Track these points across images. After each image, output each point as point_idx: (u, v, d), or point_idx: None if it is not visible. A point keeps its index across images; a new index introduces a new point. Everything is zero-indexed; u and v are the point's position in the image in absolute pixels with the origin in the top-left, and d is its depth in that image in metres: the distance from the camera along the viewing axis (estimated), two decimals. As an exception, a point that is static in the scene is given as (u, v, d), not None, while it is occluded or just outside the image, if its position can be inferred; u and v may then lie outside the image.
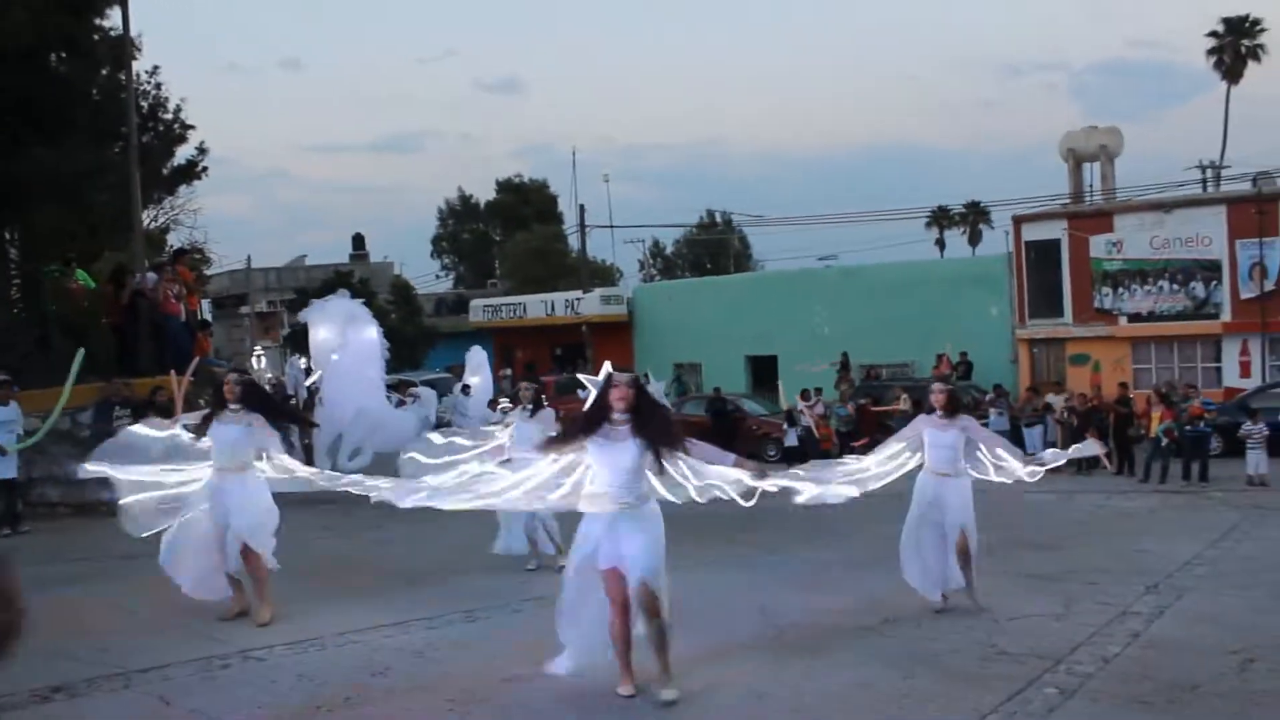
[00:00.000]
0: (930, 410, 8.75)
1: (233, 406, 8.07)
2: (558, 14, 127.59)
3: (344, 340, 15.04)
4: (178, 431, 8.35)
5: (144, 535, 8.15)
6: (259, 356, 25.40)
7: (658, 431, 6.09)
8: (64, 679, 6.59)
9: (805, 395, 22.33)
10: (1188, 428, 18.07)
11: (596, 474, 6.10)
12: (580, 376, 9.36)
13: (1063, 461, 9.22)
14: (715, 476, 6.40)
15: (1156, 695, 6.27)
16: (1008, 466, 8.71)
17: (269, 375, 24.65)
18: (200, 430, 8.20)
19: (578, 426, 6.28)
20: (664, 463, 6.08)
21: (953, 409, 8.59)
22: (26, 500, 13.86)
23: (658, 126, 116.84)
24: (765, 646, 7.43)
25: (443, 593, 9.34)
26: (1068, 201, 31.12)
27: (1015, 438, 17.81)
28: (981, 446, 8.75)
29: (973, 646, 7.35)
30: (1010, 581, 9.42)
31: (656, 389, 20.03)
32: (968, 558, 8.44)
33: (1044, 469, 8.83)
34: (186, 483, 8.21)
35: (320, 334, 15.25)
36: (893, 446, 8.65)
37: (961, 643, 7.46)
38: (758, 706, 6.15)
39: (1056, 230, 29.17)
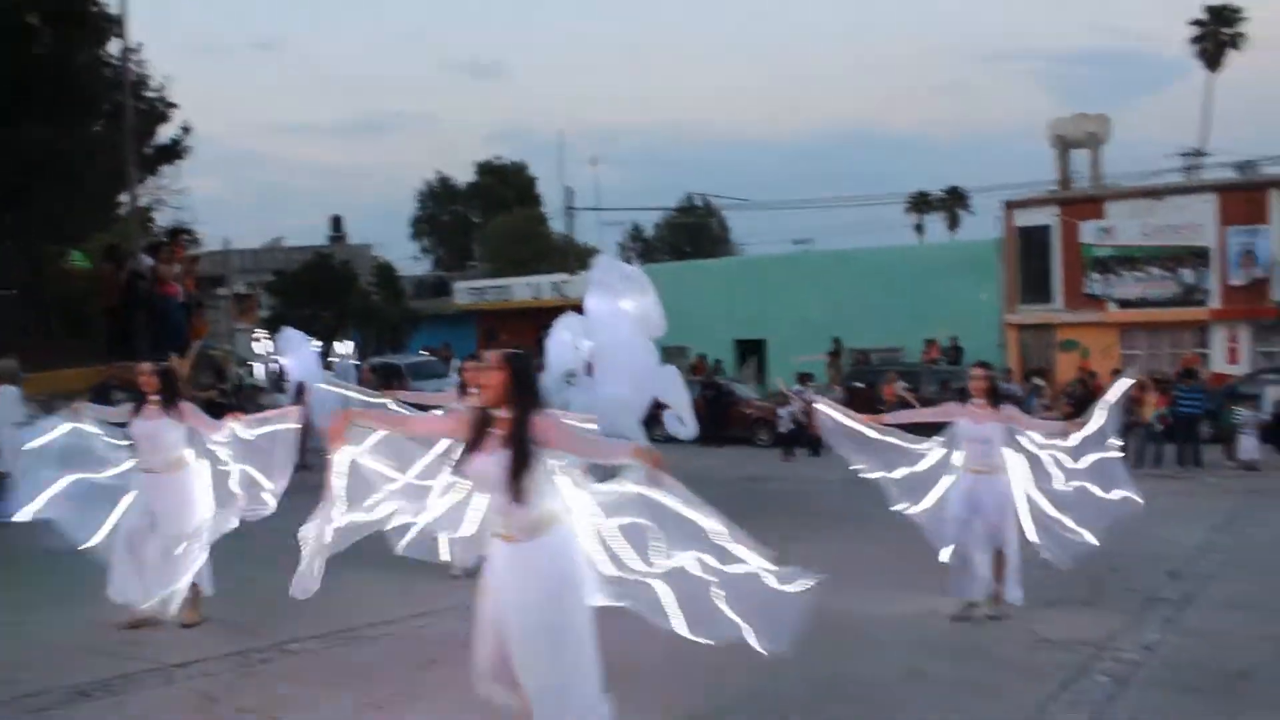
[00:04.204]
0: (966, 398, 7.83)
1: (153, 398, 7.30)
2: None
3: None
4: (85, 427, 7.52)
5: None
6: (257, 340, 24.95)
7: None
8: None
9: (803, 379, 22.23)
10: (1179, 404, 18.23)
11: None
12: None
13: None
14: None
15: (1207, 682, 6.32)
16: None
17: (273, 358, 24.31)
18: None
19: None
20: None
21: (993, 397, 7.72)
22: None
23: (631, 109, 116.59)
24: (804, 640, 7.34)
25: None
26: (1056, 188, 31.18)
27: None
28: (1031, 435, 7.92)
29: (1017, 634, 7.35)
30: (1031, 567, 8.19)
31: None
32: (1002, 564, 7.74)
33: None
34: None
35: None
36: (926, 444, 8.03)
37: (1003, 631, 7.46)
38: (813, 691, 6.12)
39: (1047, 216, 29.24)
